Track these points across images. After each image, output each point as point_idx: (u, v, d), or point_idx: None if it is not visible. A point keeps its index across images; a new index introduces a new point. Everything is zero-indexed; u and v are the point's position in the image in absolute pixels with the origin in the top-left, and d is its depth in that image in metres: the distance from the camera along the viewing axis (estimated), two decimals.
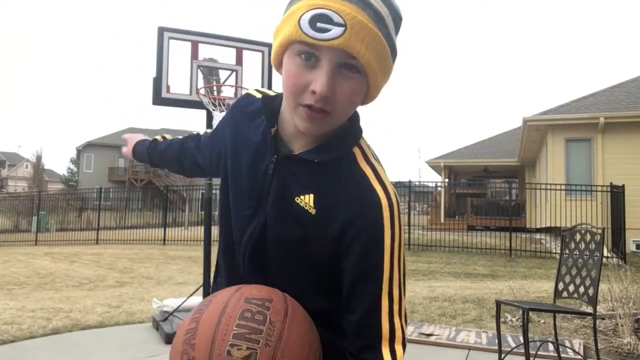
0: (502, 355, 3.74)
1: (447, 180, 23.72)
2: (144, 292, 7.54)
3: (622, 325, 4.49)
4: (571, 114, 14.05)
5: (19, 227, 21.94)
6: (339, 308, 0.94)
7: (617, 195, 11.89)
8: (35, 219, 20.48)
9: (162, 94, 4.52)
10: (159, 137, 1.48)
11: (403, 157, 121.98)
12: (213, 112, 4.61)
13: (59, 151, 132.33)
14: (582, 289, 3.74)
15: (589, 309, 3.73)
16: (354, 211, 0.91)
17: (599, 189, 12.57)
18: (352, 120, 0.98)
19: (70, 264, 11.58)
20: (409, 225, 15.12)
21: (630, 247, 12.38)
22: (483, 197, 23.80)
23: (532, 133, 15.22)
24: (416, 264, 11.26)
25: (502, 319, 5.11)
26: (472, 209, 20.67)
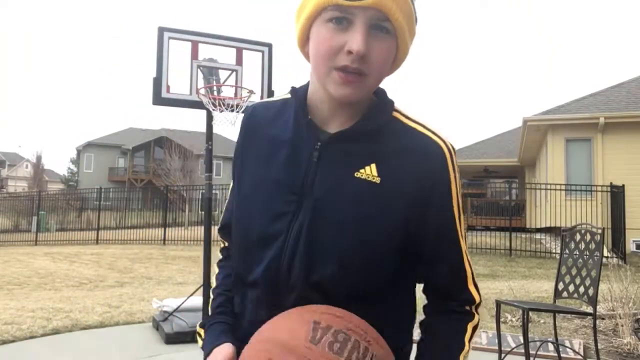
0: (502, 355, 3.74)
1: None
2: (144, 292, 7.54)
3: (622, 325, 4.49)
4: (571, 114, 14.05)
5: (19, 227, 21.92)
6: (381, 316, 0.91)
7: (617, 195, 11.89)
8: (35, 219, 20.47)
9: (162, 94, 4.52)
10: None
11: None
12: (213, 112, 4.61)
13: (59, 151, 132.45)
14: (582, 289, 3.74)
15: (589, 309, 3.74)
16: (423, 167, 0.93)
17: (599, 189, 12.57)
18: (380, 95, 0.99)
19: (70, 264, 11.58)
20: None
21: (630, 247, 12.38)
22: (483, 197, 23.78)
23: (532, 133, 15.21)
24: None
25: (502, 319, 5.11)
26: (472, 208, 20.65)
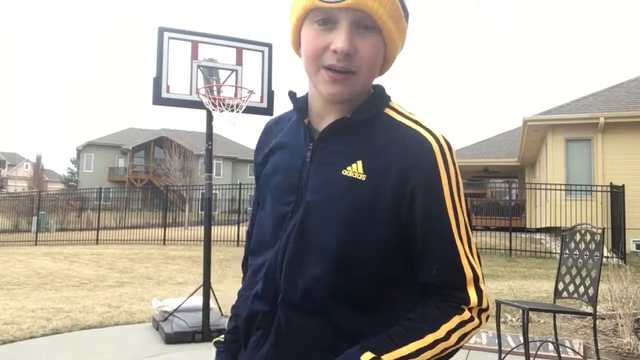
0: (502, 355, 3.74)
1: None
2: (144, 292, 7.54)
3: (622, 325, 4.48)
4: (571, 114, 14.04)
5: (19, 227, 21.92)
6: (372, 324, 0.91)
7: (617, 195, 11.88)
8: (35, 219, 20.46)
9: (162, 94, 4.52)
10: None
11: None
12: (213, 112, 4.61)
13: (59, 151, 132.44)
14: (582, 289, 3.73)
15: (589, 309, 3.73)
16: (408, 162, 0.90)
17: (599, 189, 12.57)
18: (378, 90, 1.00)
19: (70, 264, 11.58)
20: None
21: (630, 247, 12.38)
22: (483, 197, 23.77)
23: (532, 133, 15.21)
24: None
25: (502, 319, 5.11)
26: (472, 208, 20.65)
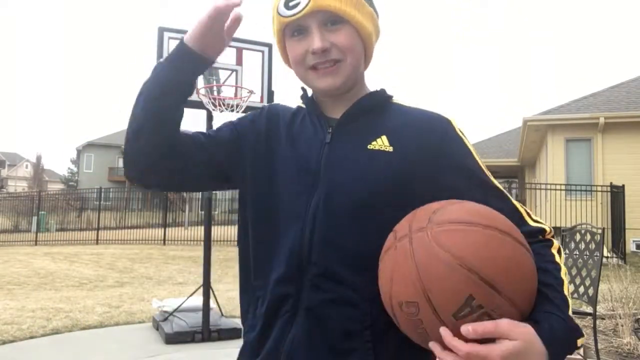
0: None
1: None
2: (144, 292, 7.55)
3: (622, 325, 4.49)
4: (571, 114, 14.04)
5: (19, 227, 21.90)
6: None
7: (617, 195, 11.88)
8: (35, 219, 20.45)
9: None
10: None
11: None
12: (213, 112, 4.61)
13: (59, 151, 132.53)
14: (582, 289, 3.74)
15: (589, 309, 3.74)
16: (426, 132, 1.00)
17: (599, 189, 12.56)
18: (378, 90, 1.08)
19: (70, 264, 11.58)
20: None
21: (630, 247, 12.37)
22: None
23: (532, 133, 15.21)
24: None
25: None
26: None
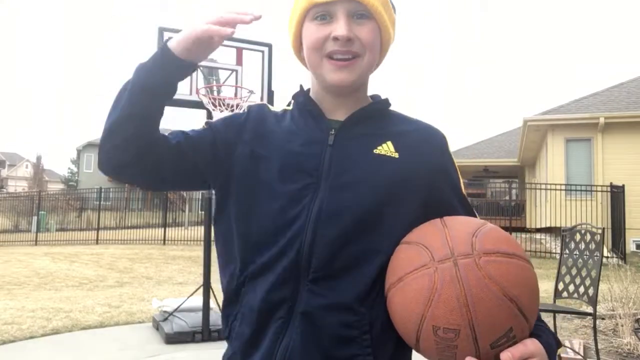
0: None
1: None
2: (144, 292, 7.55)
3: (622, 325, 4.49)
4: (571, 114, 14.04)
5: (19, 227, 21.90)
6: None
7: (617, 195, 11.88)
8: (35, 219, 20.44)
9: None
10: None
11: None
12: (213, 112, 4.61)
13: (59, 151, 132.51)
14: (582, 289, 3.74)
15: (589, 309, 3.74)
16: (430, 143, 1.05)
17: (599, 189, 12.56)
18: (377, 96, 1.10)
19: (70, 264, 11.57)
20: None
21: (630, 247, 12.37)
22: (483, 197, 23.73)
23: (532, 133, 15.21)
24: None
25: None
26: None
